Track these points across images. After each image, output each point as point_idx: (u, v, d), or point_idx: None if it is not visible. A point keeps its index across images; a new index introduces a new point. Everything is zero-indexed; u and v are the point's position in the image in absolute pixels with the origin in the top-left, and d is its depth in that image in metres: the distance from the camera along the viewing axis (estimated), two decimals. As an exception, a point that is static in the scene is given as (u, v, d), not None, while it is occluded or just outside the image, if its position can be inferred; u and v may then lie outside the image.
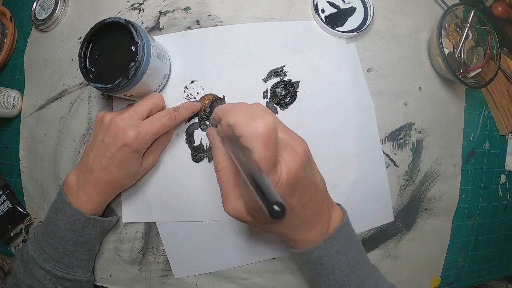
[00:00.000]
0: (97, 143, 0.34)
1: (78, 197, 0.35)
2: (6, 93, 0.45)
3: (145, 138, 0.33)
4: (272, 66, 0.39)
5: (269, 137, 0.22)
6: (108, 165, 0.33)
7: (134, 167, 0.35)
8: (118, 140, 0.32)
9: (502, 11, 0.48)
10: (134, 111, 0.34)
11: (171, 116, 0.34)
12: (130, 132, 0.32)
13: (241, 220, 0.28)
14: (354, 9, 0.41)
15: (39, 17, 0.45)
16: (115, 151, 0.33)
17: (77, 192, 0.35)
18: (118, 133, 0.32)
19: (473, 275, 0.47)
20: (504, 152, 0.48)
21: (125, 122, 0.33)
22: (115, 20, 0.32)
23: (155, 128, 0.33)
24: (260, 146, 0.21)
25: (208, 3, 0.41)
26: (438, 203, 0.43)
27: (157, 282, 0.41)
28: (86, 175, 0.35)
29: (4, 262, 0.53)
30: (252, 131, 0.21)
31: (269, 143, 0.22)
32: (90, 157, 0.34)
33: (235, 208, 0.28)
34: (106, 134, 0.33)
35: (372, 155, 0.40)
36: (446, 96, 0.44)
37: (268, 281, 0.40)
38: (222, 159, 0.28)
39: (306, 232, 0.29)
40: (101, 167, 0.34)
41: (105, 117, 0.34)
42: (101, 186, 0.35)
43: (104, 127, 0.34)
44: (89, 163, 0.34)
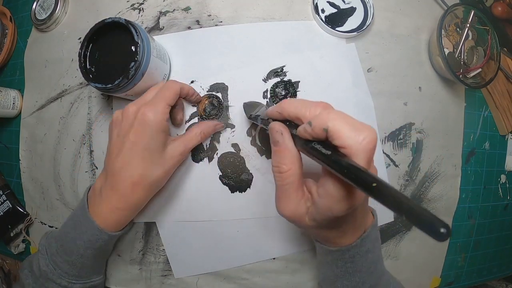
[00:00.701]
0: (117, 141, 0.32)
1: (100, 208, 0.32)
2: (6, 93, 0.45)
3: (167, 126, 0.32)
4: (272, 66, 0.39)
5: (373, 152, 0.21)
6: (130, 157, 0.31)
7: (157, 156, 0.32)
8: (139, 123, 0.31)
9: (502, 11, 0.48)
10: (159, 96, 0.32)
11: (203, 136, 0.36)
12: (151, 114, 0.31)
13: (296, 223, 0.27)
14: (354, 9, 0.41)
15: (39, 17, 0.45)
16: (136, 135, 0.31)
17: (100, 202, 0.32)
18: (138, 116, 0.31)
19: (473, 275, 0.47)
20: (504, 152, 0.48)
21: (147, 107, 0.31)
22: (115, 20, 0.32)
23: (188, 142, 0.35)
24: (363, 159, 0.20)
25: (208, 3, 0.41)
26: (438, 203, 0.43)
27: (157, 282, 0.41)
28: (108, 179, 0.32)
29: (4, 262, 0.53)
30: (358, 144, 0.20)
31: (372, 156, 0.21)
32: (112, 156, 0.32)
33: (295, 212, 0.26)
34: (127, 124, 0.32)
35: (372, 155, 0.40)
36: (446, 96, 0.44)
37: (268, 281, 0.40)
38: (289, 161, 0.26)
39: (351, 235, 0.29)
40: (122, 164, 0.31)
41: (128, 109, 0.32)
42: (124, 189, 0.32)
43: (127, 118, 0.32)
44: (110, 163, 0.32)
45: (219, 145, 0.39)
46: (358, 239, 0.29)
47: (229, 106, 0.39)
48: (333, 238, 0.29)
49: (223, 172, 0.39)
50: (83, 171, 0.42)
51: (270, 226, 0.39)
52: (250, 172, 0.39)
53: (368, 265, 0.30)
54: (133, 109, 0.32)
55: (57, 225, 0.44)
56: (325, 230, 0.27)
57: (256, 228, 0.39)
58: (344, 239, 0.29)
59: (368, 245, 0.30)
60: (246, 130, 0.39)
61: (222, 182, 0.39)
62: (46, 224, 0.45)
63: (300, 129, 0.24)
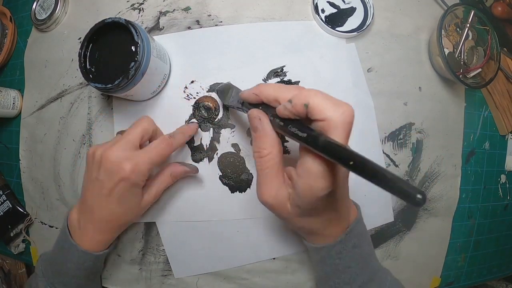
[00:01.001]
0: (92, 181, 0.32)
1: (81, 237, 0.34)
2: (6, 93, 0.45)
3: (142, 169, 0.31)
4: (272, 66, 0.39)
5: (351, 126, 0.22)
6: (106, 202, 0.32)
7: (133, 201, 0.33)
8: (113, 175, 0.30)
9: (502, 11, 0.48)
10: (124, 141, 0.31)
11: (167, 143, 0.33)
12: (126, 165, 0.30)
13: (277, 210, 0.27)
14: (354, 9, 0.41)
15: (39, 17, 0.45)
16: (112, 187, 0.31)
17: (80, 232, 0.34)
18: (112, 168, 0.30)
19: (473, 275, 0.47)
20: (504, 152, 0.48)
21: (117, 154, 0.30)
22: (115, 20, 0.32)
23: (152, 157, 0.31)
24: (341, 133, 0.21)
25: (208, 3, 0.41)
26: (438, 203, 0.43)
27: (157, 282, 0.41)
28: (86, 215, 0.33)
29: (4, 262, 0.53)
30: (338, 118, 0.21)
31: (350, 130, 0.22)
32: (88, 196, 0.33)
33: (276, 197, 0.26)
34: (99, 171, 0.31)
35: (372, 155, 0.40)
36: (446, 96, 0.44)
37: (268, 281, 0.40)
38: (269, 145, 0.26)
39: (335, 226, 0.29)
40: (100, 206, 0.32)
41: (96, 152, 0.32)
42: (102, 225, 0.33)
43: (97, 163, 0.32)
44: (88, 203, 0.33)
45: (219, 145, 0.39)
46: (343, 233, 0.29)
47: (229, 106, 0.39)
48: (317, 230, 0.29)
49: (223, 172, 0.39)
50: (83, 171, 0.42)
51: (270, 226, 0.39)
52: (250, 172, 0.39)
53: (357, 260, 0.30)
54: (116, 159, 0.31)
55: (57, 225, 0.45)
56: (308, 219, 0.27)
57: (256, 228, 0.39)
58: (329, 230, 0.29)
59: (354, 240, 0.30)
60: (246, 130, 0.39)
61: (222, 182, 0.39)
62: (46, 224, 0.45)
63: (280, 108, 0.24)
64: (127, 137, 0.32)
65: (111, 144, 0.32)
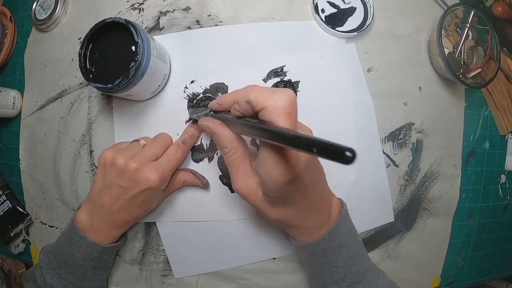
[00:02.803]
0: (112, 187, 0.33)
1: (95, 235, 0.35)
2: (6, 93, 0.45)
3: (167, 177, 0.34)
4: (272, 66, 0.39)
5: (292, 108, 0.23)
6: (129, 206, 0.34)
7: (154, 203, 0.36)
8: (140, 184, 0.32)
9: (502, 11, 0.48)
10: (150, 153, 0.34)
11: (183, 150, 0.35)
12: (154, 176, 0.32)
13: (251, 199, 0.29)
14: (354, 9, 0.41)
15: (39, 17, 0.45)
16: (137, 194, 0.33)
17: (93, 232, 0.35)
18: (139, 178, 0.32)
19: (473, 275, 0.47)
20: (504, 152, 0.48)
21: (144, 166, 0.32)
22: (115, 20, 0.32)
23: (173, 165, 0.35)
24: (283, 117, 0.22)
25: (208, 3, 0.41)
26: (438, 203, 0.43)
27: (157, 282, 0.41)
28: (103, 217, 0.34)
29: (4, 262, 0.53)
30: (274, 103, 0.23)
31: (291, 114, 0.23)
32: (105, 200, 0.34)
33: (246, 185, 0.29)
34: (123, 179, 0.33)
35: (372, 155, 0.40)
36: (446, 96, 0.44)
37: (268, 281, 0.40)
38: (228, 142, 0.29)
39: (312, 218, 0.30)
40: (120, 209, 0.34)
41: (117, 160, 0.33)
42: (120, 224, 0.35)
43: (119, 170, 0.33)
44: (105, 205, 0.34)
45: (219, 145, 0.39)
46: (326, 232, 0.30)
47: (229, 106, 0.39)
48: (294, 221, 0.30)
49: (223, 172, 0.39)
50: (83, 171, 0.42)
51: (270, 226, 0.39)
52: (250, 172, 0.39)
53: (345, 260, 0.31)
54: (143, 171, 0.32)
55: (57, 225, 0.45)
56: (281, 210, 0.29)
57: (256, 228, 0.39)
58: (307, 222, 0.30)
59: (340, 239, 0.30)
60: (246, 130, 0.39)
61: (222, 182, 0.39)
62: (46, 224, 0.45)
63: (232, 110, 0.27)
64: (152, 150, 0.34)
65: (131, 154, 0.33)
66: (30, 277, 0.38)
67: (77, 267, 0.35)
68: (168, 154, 0.35)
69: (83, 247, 0.35)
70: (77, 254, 0.35)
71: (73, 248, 0.35)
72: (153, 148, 0.34)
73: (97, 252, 0.35)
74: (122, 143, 0.38)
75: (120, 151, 0.34)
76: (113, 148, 0.35)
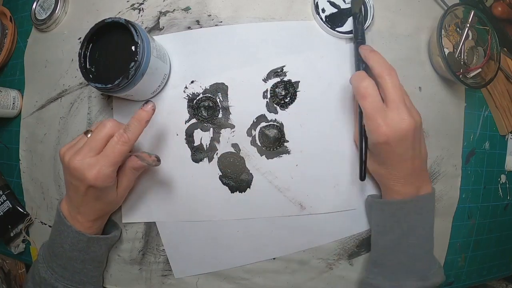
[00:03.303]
0: (67, 182, 0.35)
1: (74, 224, 0.35)
2: (6, 93, 0.45)
3: (106, 173, 0.32)
4: (272, 66, 0.39)
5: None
6: (85, 201, 0.34)
7: (109, 197, 0.35)
8: (82, 182, 0.32)
9: (502, 11, 0.48)
10: (87, 149, 0.32)
11: (124, 139, 0.32)
12: (89, 174, 0.31)
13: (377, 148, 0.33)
14: None
15: (39, 17, 0.45)
16: (84, 191, 0.33)
17: (72, 220, 0.36)
18: (79, 176, 0.32)
19: (473, 275, 0.47)
20: (504, 152, 0.48)
21: (81, 162, 0.32)
22: (115, 20, 0.32)
23: (113, 159, 0.32)
24: None
25: (208, 3, 0.41)
26: (438, 203, 0.43)
27: (157, 282, 0.41)
28: (73, 208, 0.35)
29: (4, 262, 0.53)
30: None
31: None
32: (70, 194, 0.35)
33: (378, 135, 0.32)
34: (71, 177, 0.33)
35: (372, 155, 0.40)
36: (446, 96, 0.44)
37: (268, 281, 0.40)
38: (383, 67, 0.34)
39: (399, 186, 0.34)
40: (80, 203, 0.34)
41: (64, 157, 0.33)
42: (89, 216, 0.36)
43: (67, 169, 0.33)
44: (72, 199, 0.35)
45: (219, 145, 0.39)
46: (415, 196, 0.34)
47: (229, 106, 0.39)
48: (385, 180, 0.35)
49: (223, 172, 0.39)
50: (83, 171, 0.42)
51: (270, 226, 0.39)
52: (250, 172, 0.39)
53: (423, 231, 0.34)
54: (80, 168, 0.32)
55: (57, 225, 0.45)
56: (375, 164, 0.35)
57: (256, 228, 0.39)
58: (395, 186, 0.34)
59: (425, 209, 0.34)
60: (246, 130, 0.39)
61: (222, 182, 0.39)
62: (46, 224, 0.45)
63: None
64: (90, 145, 0.32)
65: (76, 150, 0.33)
66: (30, 276, 0.38)
67: (66, 259, 0.36)
68: (107, 147, 0.32)
69: (70, 236, 0.35)
70: (66, 245, 0.35)
71: (62, 238, 0.35)
72: (92, 142, 0.32)
73: (83, 242, 0.35)
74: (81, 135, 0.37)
75: (70, 148, 0.34)
76: (68, 144, 0.35)
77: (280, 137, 0.39)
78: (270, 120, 0.39)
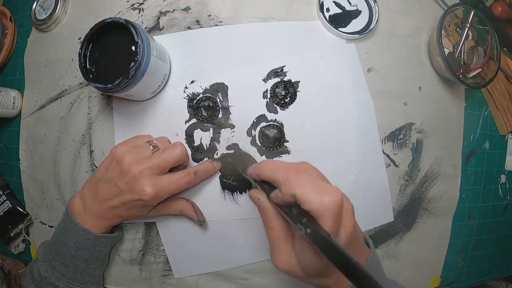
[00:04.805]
0: (110, 182, 0.33)
1: (84, 221, 0.35)
2: (6, 93, 0.45)
3: (162, 196, 0.33)
4: (272, 66, 0.39)
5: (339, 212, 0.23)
6: (117, 206, 0.34)
7: (141, 213, 0.36)
8: (134, 193, 0.32)
9: (502, 11, 0.48)
10: (156, 165, 0.33)
11: (190, 179, 0.34)
12: (149, 190, 0.32)
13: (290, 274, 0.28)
14: (359, 12, 0.41)
15: (39, 17, 0.45)
16: (128, 200, 0.33)
17: (83, 217, 0.35)
18: (135, 186, 0.32)
19: (473, 275, 0.47)
20: (504, 152, 0.48)
21: (144, 176, 0.32)
22: (115, 20, 0.32)
23: (173, 189, 0.34)
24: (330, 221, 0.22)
25: (208, 3, 0.41)
26: (438, 203, 0.43)
27: (157, 282, 0.41)
28: (93, 204, 0.34)
29: (4, 262, 0.53)
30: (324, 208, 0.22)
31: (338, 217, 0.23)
32: (101, 190, 0.34)
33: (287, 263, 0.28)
34: (122, 180, 0.32)
35: (372, 155, 0.40)
36: (446, 96, 0.44)
37: (268, 281, 0.40)
38: (273, 218, 0.28)
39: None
40: (109, 205, 0.34)
41: (124, 159, 0.33)
42: (107, 216, 0.35)
43: (122, 171, 0.33)
44: (99, 195, 0.34)
45: (219, 145, 0.39)
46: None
47: (229, 106, 0.39)
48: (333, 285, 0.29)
49: (223, 172, 0.39)
50: (83, 171, 0.42)
51: (270, 226, 0.39)
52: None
53: None
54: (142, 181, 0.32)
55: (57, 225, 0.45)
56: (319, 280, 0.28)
57: (256, 228, 0.39)
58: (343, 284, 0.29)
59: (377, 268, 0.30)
60: (246, 130, 0.39)
61: (222, 182, 0.39)
62: (46, 224, 0.45)
63: (272, 195, 0.26)
64: (159, 163, 0.33)
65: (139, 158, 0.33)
66: (28, 271, 0.38)
67: (70, 257, 0.35)
68: (174, 175, 0.34)
69: (76, 234, 0.35)
70: (70, 243, 0.35)
71: (67, 236, 0.35)
72: (161, 161, 0.33)
73: (89, 240, 0.35)
74: (139, 137, 0.37)
75: (131, 150, 0.34)
76: (127, 144, 0.35)
77: (280, 137, 0.39)
78: (270, 120, 0.39)
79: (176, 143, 0.36)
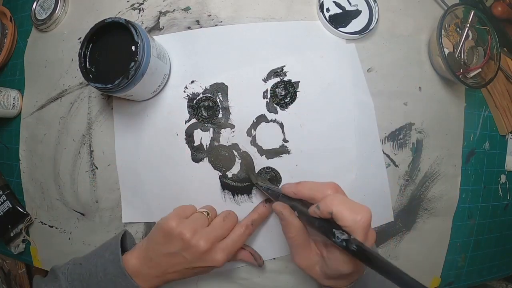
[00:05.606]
0: (176, 256, 0.33)
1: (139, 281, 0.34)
2: (6, 93, 0.45)
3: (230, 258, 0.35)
4: (272, 66, 0.39)
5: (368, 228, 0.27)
6: (186, 272, 0.34)
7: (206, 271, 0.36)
8: (205, 261, 0.33)
9: (502, 11, 0.48)
10: (219, 234, 0.34)
11: (250, 232, 0.36)
12: (221, 258, 0.33)
13: (308, 272, 0.33)
14: (359, 12, 0.41)
15: (39, 17, 0.45)
16: (199, 268, 0.34)
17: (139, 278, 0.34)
18: (205, 256, 0.33)
19: (473, 275, 0.47)
20: (504, 152, 0.48)
21: (210, 246, 0.33)
22: (115, 20, 0.32)
23: (239, 246, 0.36)
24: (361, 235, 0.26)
25: (208, 3, 0.41)
26: (438, 203, 0.43)
27: (157, 282, 0.41)
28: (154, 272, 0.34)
29: (4, 262, 0.53)
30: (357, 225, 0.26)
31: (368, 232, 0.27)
32: (164, 263, 0.34)
33: (305, 264, 0.32)
34: (190, 253, 0.33)
35: (372, 155, 0.40)
36: (446, 96, 0.44)
37: (268, 281, 0.40)
38: (293, 229, 0.31)
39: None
40: (176, 272, 0.34)
41: (184, 234, 0.33)
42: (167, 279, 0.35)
43: (187, 245, 0.33)
44: (162, 267, 0.34)
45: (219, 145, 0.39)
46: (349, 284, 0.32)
47: (229, 106, 0.39)
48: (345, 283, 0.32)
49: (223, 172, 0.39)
50: (83, 171, 0.42)
51: (270, 226, 0.39)
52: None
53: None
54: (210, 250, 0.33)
55: (57, 225, 0.45)
56: (334, 281, 0.32)
57: (257, 228, 0.39)
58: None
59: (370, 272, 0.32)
60: (246, 130, 0.39)
61: (222, 182, 0.39)
62: (46, 224, 0.45)
63: (310, 210, 0.29)
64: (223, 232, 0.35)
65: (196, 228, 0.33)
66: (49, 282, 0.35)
67: None
68: (235, 234, 0.35)
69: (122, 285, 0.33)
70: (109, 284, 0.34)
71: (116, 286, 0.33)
72: (223, 229, 0.35)
73: None
74: (183, 208, 0.37)
75: (185, 223, 0.34)
76: (176, 217, 0.34)
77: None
78: (270, 120, 0.39)
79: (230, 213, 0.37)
